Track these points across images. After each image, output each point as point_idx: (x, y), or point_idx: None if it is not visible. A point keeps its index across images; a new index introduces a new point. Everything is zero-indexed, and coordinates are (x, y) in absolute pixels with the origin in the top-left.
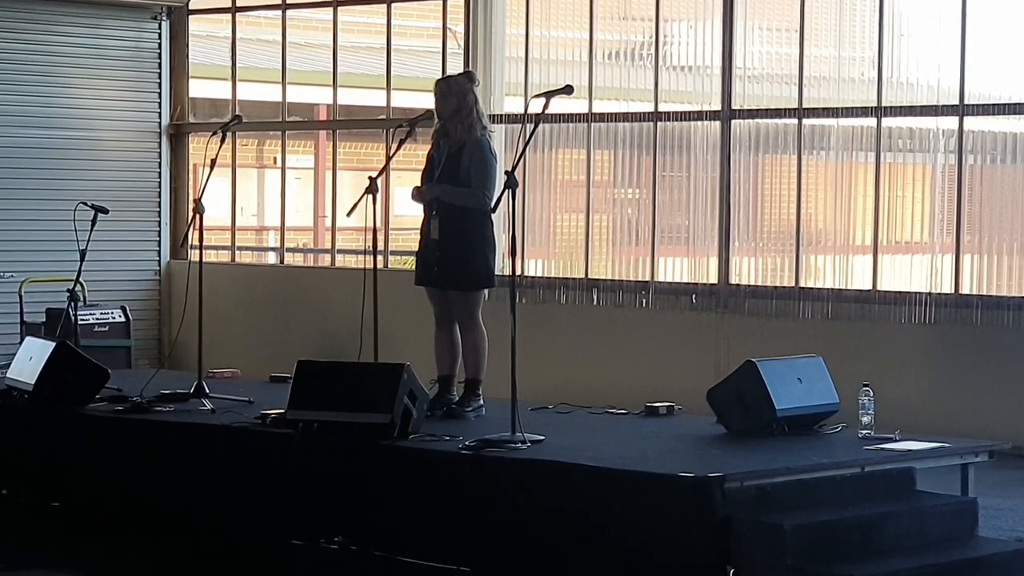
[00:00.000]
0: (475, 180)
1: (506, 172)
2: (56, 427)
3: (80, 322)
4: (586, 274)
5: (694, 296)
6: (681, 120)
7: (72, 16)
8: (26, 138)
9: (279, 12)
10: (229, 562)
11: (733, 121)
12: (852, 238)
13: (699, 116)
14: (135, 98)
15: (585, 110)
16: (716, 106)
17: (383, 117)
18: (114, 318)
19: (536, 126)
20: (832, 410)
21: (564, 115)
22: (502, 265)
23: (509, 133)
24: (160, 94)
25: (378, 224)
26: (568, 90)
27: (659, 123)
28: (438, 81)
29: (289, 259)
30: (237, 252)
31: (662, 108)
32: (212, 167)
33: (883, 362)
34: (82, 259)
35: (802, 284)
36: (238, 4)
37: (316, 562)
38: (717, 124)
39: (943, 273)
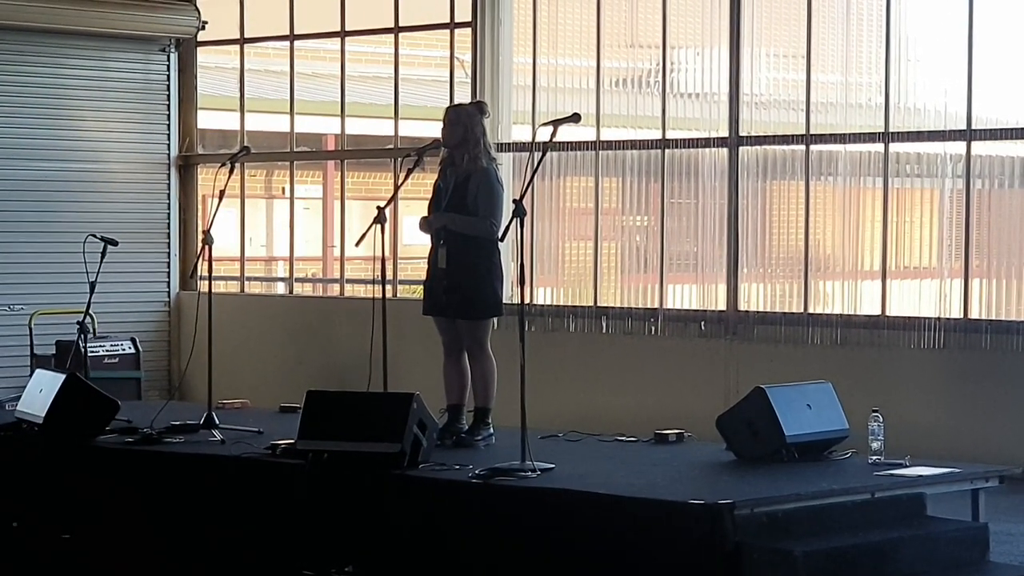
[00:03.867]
0: (482, 208)
1: (514, 201)
2: (66, 459)
3: (90, 354)
4: (595, 302)
5: (703, 323)
6: (689, 147)
7: (81, 48)
8: (35, 170)
9: (287, 43)
10: None
11: (741, 148)
12: (860, 263)
13: (707, 143)
14: (144, 130)
15: (593, 138)
16: (724, 133)
17: (391, 146)
18: (124, 350)
19: (544, 154)
20: (842, 436)
21: (572, 143)
22: (511, 294)
23: (517, 161)
24: (169, 125)
25: (386, 253)
26: (575, 118)
27: (667, 150)
28: (448, 108)
29: (298, 289)
30: (246, 283)
31: (670, 135)
32: (221, 198)
33: (893, 388)
34: (92, 291)
35: (811, 310)
36: (246, 35)
37: None
38: (725, 151)
39: (952, 298)
